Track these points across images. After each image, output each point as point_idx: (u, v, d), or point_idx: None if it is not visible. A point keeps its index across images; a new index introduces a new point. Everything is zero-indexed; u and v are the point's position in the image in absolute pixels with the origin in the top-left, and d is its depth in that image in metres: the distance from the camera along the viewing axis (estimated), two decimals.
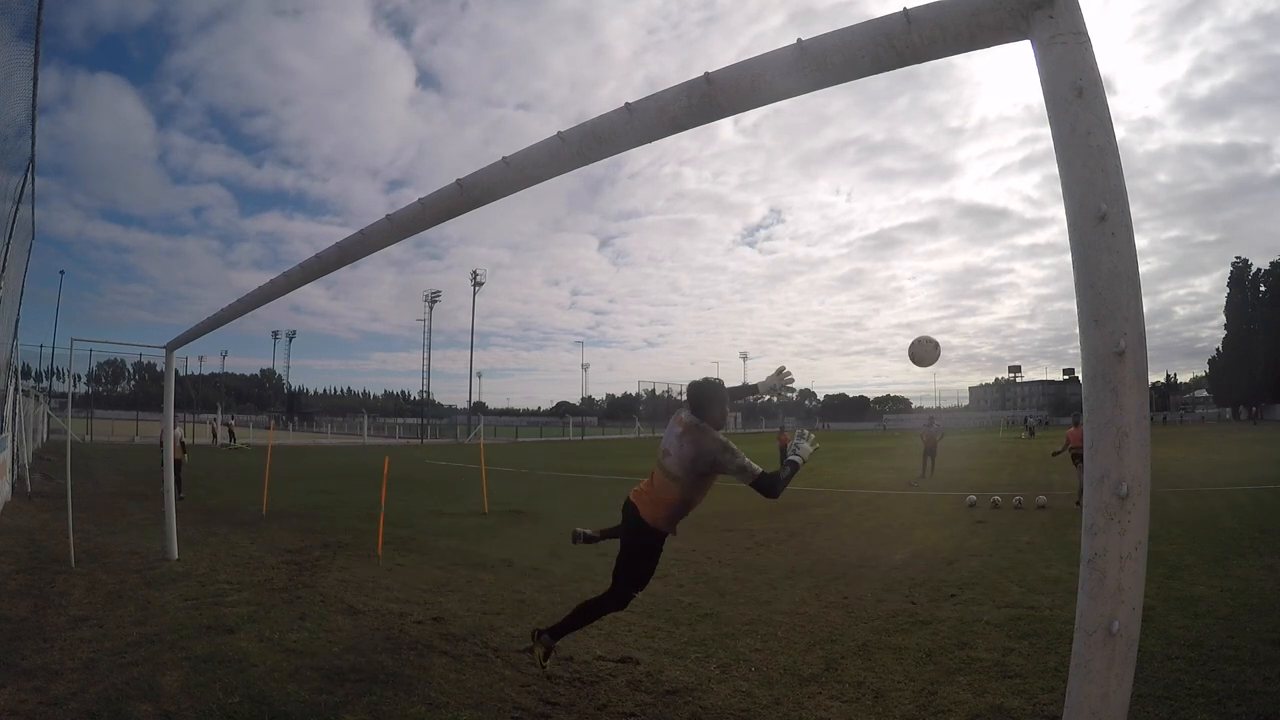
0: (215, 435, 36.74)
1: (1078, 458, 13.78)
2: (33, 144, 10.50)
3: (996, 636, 5.36)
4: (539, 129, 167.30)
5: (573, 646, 5.28)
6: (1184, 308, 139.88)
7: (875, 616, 5.98)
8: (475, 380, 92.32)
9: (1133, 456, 1.63)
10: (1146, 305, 1.68)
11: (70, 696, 4.14)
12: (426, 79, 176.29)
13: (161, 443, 12.85)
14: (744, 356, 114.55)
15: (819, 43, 2.03)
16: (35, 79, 8.46)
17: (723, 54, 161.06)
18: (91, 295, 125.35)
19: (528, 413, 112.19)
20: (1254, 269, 75.03)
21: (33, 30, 7.71)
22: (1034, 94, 1.78)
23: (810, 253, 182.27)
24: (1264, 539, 8.79)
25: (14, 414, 14.41)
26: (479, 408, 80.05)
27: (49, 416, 29.38)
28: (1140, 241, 1.73)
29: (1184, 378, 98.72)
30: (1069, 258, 1.72)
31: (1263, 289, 73.64)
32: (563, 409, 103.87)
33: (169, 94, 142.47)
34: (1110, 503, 1.63)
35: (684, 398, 4.16)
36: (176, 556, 8.09)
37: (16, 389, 15.83)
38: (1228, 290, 76.91)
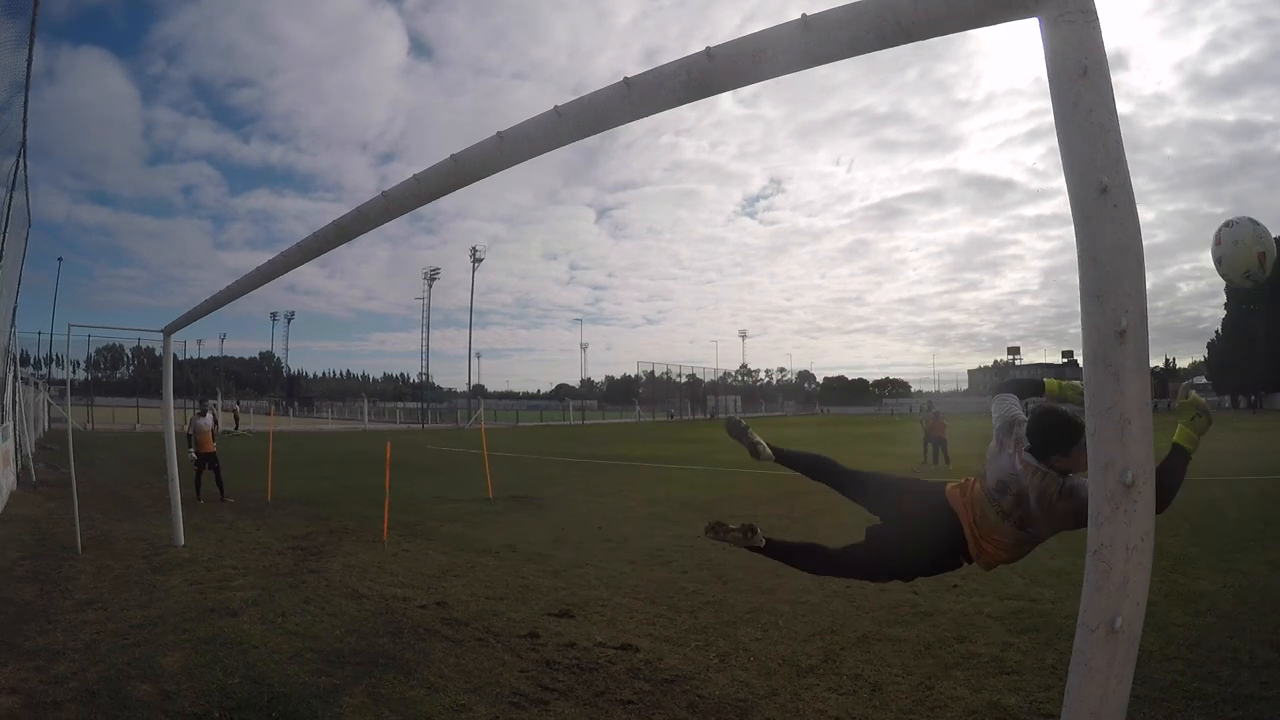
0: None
1: None
2: (24, 128, 10.36)
3: (996, 630, 5.34)
4: (535, 98, 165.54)
5: (574, 632, 5.30)
6: (1188, 283, 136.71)
7: (877, 607, 5.98)
8: (474, 362, 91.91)
9: (1136, 443, 1.60)
10: (1150, 281, 1.65)
11: (71, 675, 4.19)
12: (419, 47, 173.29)
13: (191, 429, 12.80)
14: (743, 335, 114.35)
15: (824, 18, 1.99)
16: (30, 59, 8.34)
17: (728, 20, 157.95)
18: (85, 280, 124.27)
19: (527, 395, 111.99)
20: None
21: (25, 7, 7.58)
22: (1044, 67, 1.76)
23: (812, 223, 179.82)
24: (1268, 531, 8.73)
25: (14, 402, 14.40)
26: (478, 390, 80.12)
27: (49, 405, 29.36)
28: (1146, 215, 1.71)
29: (1183, 363, 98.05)
30: (1074, 229, 1.69)
31: None
32: (562, 392, 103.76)
33: (154, 65, 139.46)
34: (1116, 491, 1.61)
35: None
36: (183, 543, 8.15)
37: (16, 377, 15.80)
38: None
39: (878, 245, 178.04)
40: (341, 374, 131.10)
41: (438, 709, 3.94)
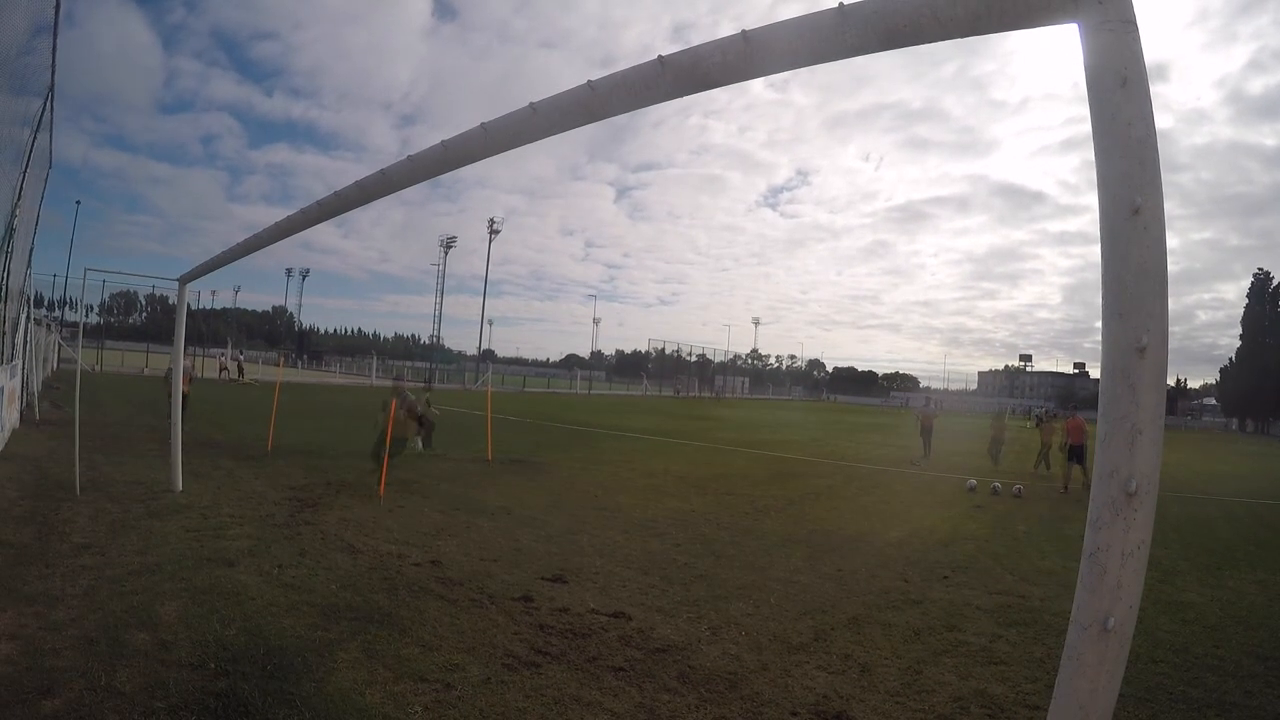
0: (224, 369, 37.32)
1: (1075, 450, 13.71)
2: (53, 72, 10.25)
3: (985, 622, 5.40)
4: (561, 69, 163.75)
5: (567, 598, 5.36)
6: (1206, 313, 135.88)
7: (867, 591, 6.04)
8: (486, 328, 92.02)
9: (1144, 454, 1.60)
10: (1169, 305, 1.66)
11: (70, 622, 4.21)
12: (444, 8, 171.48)
13: (174, 375, 12.56)
14: (756, 321, 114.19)
15: (860, 9, 1.96)
16: (58, 4, 8.22)
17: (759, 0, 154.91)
18: (99, 224, 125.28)
19: (536, 363, 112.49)
20: (1275, 282, 73.71)
21: None
22: (1083, 74, 1.76)
23: (833, 220, 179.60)
24: (1258, 553, 8.80)
25: (25, 342, 14.42)
26: (488, 355, 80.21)
27: (59, 345, 29.39)
28: (1171, 240, 1.70)
29: (1194, 384, 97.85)
30: (1098, 248, 1.69)
31: None
32: (571, 362, 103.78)
33: (174, 14, 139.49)
34: (1118, 498, 1.61)
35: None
36: (180, 488, 8.20)
37: (29, 318, 15.80)
38: (1247, 301, 75.77)
39: (897, 247, 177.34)
40: (353, 331, 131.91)
41: (431, 667, 4.00)
